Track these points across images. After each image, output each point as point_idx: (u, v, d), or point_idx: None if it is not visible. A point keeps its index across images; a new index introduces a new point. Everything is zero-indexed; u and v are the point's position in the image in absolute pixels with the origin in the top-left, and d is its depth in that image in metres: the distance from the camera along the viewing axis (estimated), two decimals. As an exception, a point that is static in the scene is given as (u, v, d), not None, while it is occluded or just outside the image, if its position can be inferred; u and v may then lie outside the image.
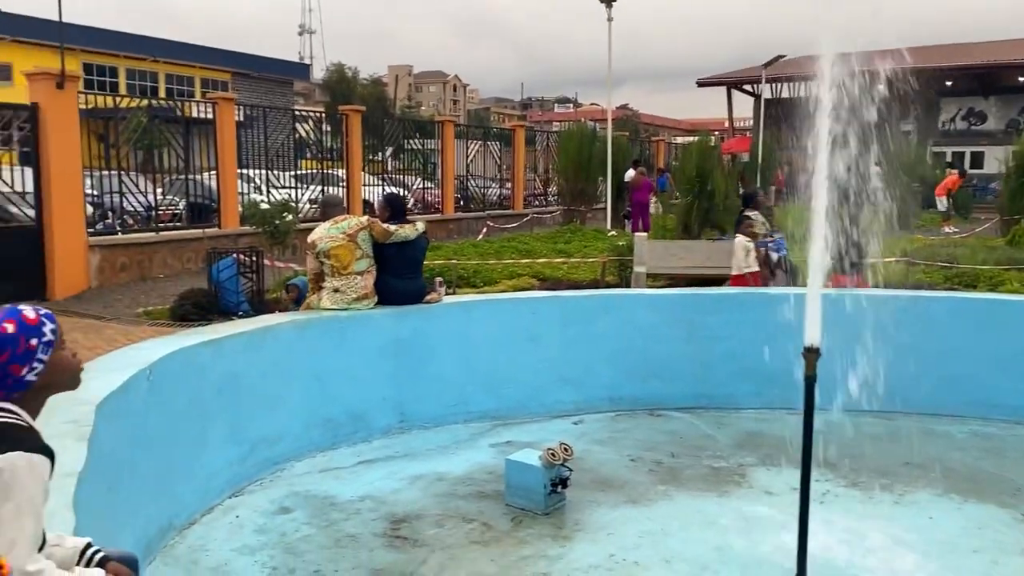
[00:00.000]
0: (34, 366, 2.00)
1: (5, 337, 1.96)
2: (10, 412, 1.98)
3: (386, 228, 5.69)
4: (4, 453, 1.88)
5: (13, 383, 1.98)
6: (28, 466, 1.90)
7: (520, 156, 22.27)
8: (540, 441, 5.14)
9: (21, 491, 1.86)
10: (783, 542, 3.93)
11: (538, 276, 11.46)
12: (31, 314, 2.03)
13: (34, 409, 2.06)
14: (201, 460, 4.44)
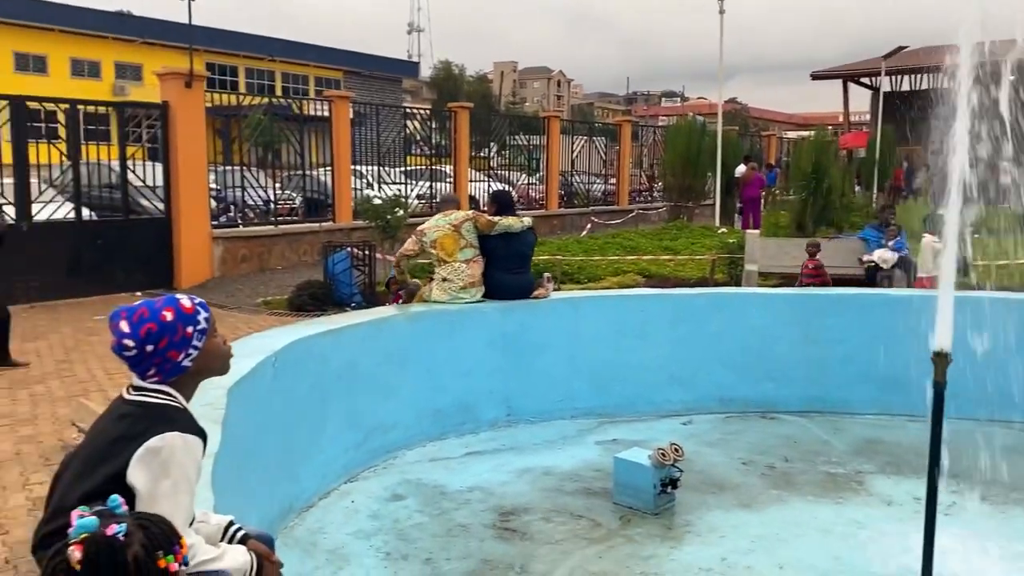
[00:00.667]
0: (190, 352, 2.12)
1: (165, 324, 2.08)
2: (168, 395, 2.11)
3: (489, 219, 5.81)
4: (162, 433, 2.00)
5: (171, 368, 2.10)
6: (184, 446, 2.01)
7: (626, 151, 22.07)
8: (647, 440, 5.10)
9: (177, 469, 1.98)
10: (904, 554, 3.78)
11: (644, 273, 11.34)
12: (187, 303, 2.15)
13: (187, 393, 2.18)
14: (320, 445, 4.61)
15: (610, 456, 4.82)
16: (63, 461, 2.14)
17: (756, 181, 17.72)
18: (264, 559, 2.19)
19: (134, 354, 2.06)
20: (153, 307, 2.09)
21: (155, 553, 1.34)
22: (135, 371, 2.11)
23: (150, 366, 2.08)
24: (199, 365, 2.15)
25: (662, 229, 16.80)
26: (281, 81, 46.00)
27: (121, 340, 2.05)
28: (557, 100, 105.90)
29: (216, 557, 2.05)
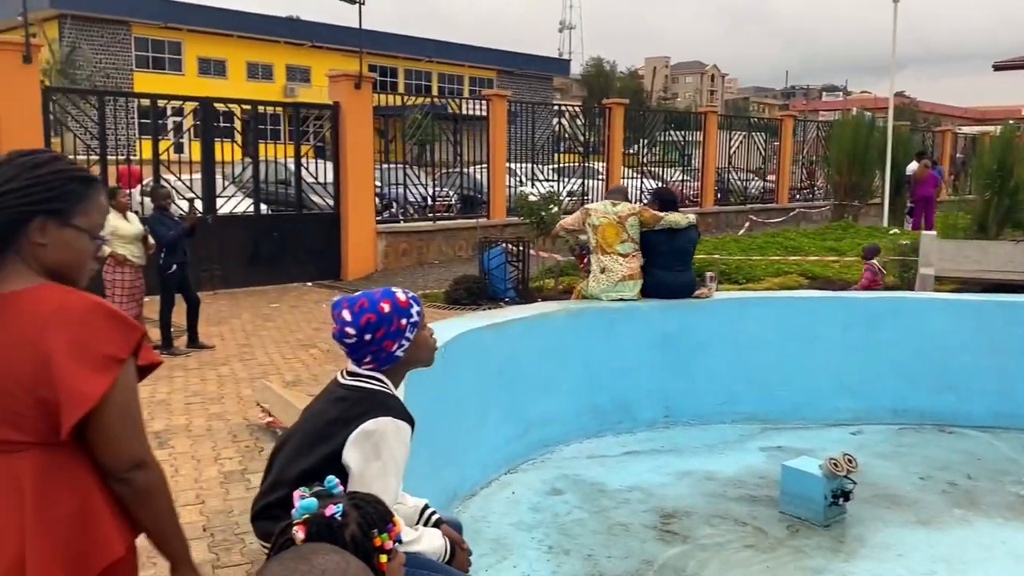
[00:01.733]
0: (402, 343, 2.24)
1: (382, 315, 2.20)
2: (380, 381, 2.24)
3: (654, 213, 5.75)
4: (376, 417, 2.12)
5: (385, 356, 2.23)
6: (395, 430, 2.13)
7: (787, 147, 21.24)
8: (814, 449, 4.89)
9: (388, 452, 2.10)
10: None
11: (807, 275, 10.88)
12: (402, 296, 2.27)
13: (396, 381, 2.31)
14: (482, 436, 4.72)
15: (775, 463, 4.67)
16: (280, 438, 2.31)
17: (930, 179, 16.57)
18: (456, 545, 2.27)
19: (353, 341, 2.19)
20: (372, 298, 2.23)
21: (370, 532, 1.42)
22: (352, 357, 2.25)
23: (367, 353, 2.21)
24: (409, 356, 2.27)
25: (826, 229, 16.04)
26: (437, 81, 47.40)
27: (343, 328, 2.19)
28: (710, 95, 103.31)
29: (415, 539, 2.14)
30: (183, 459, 4.96)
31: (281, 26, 41.61)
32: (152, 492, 1.70)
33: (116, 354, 1.64)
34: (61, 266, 1.70)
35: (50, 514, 1.61)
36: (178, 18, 37.30)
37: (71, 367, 1.58)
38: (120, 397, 1.64)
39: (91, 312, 1.65)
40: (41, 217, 1.66)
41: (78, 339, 1.61)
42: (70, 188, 1.70)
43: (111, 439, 1.64)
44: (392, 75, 44.19)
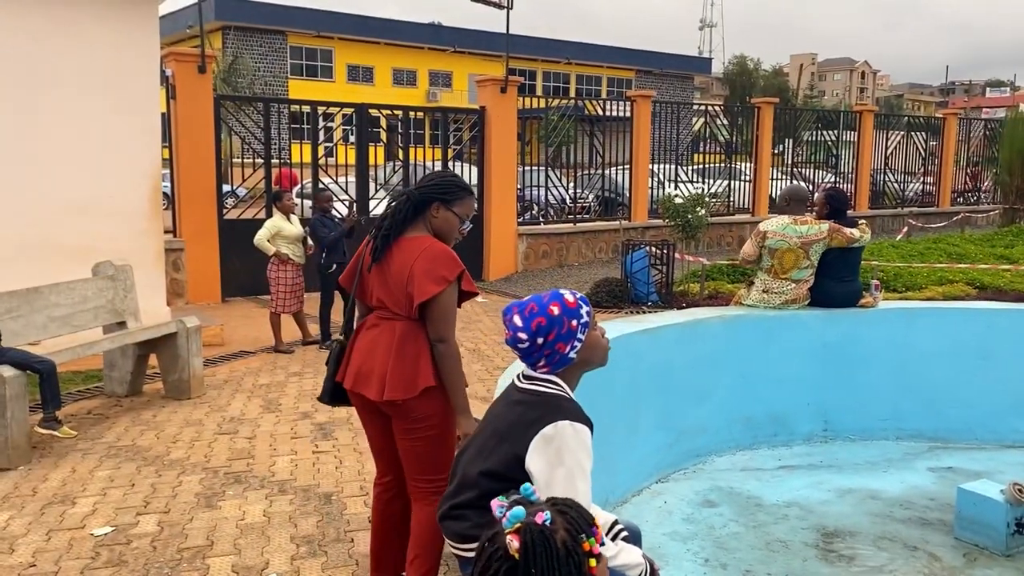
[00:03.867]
0: (575, 344, 2.24)
1: (552, 318, 2.21)
2: (556, 384, 2.25)
3: (850, 236, 5.35)
4: (555, 421, 2.13)
5: (559, 359, 2.24)
6: (575, 434, 2.12)
7: (950, 148, 19.91)
8: (990, 471, 4.57)
9: (571, 456, 2.10)
10: None
11: (975, 284, 10.15)
12: (571, 298, 2.27)
13: (572, 383, 2.31)
14: (634, 442, 4.67)
15: (946, 485, 4.39)
16: (464, 442, 2.37)
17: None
18: (651, 565, 2.25)
19: (527, 346, 2.21)
20: (541, 302, 2.24)
21: (579, 537, 1.42)
22: (526, 361, 2.27)
23: (540, 357, 2.23)
24: (583, 356, 2.27)
25: (994, 235, 14.92)
26: (575, 83, 47.47)
27: (516, 333, 2.22)
28: (860, 92, 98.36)
29: (615, 554, 2.14)
30: (346, 451, 5.18)
31: (424, 32, 42.87)
32: (445, 357, 2.86)
33: (447, 276, 2.84)
34: (440, 231, 2.98)
35: (404, 352, 2.88)
36: (329, 27, 39.12)
37: (422, 279, 2.83)
38: (443, 300, 2.85)
39: (440, 253, 2.89)
40: (438, 203, 2.96)
41: (430, 265, 2.84)
42: (456, 189, 3.00)
43: (433, 321, 2.86)
44: (531, 78, 44.64)
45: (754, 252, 5.50)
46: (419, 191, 2.97)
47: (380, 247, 2.92)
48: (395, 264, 2.87)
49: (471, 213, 3.06)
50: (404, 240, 2.90)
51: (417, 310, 2.84)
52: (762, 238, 5.44)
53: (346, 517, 4.16)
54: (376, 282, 2.94)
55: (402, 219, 2.92)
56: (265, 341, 8.13)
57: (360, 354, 2.95)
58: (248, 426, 5.68)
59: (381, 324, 2.92)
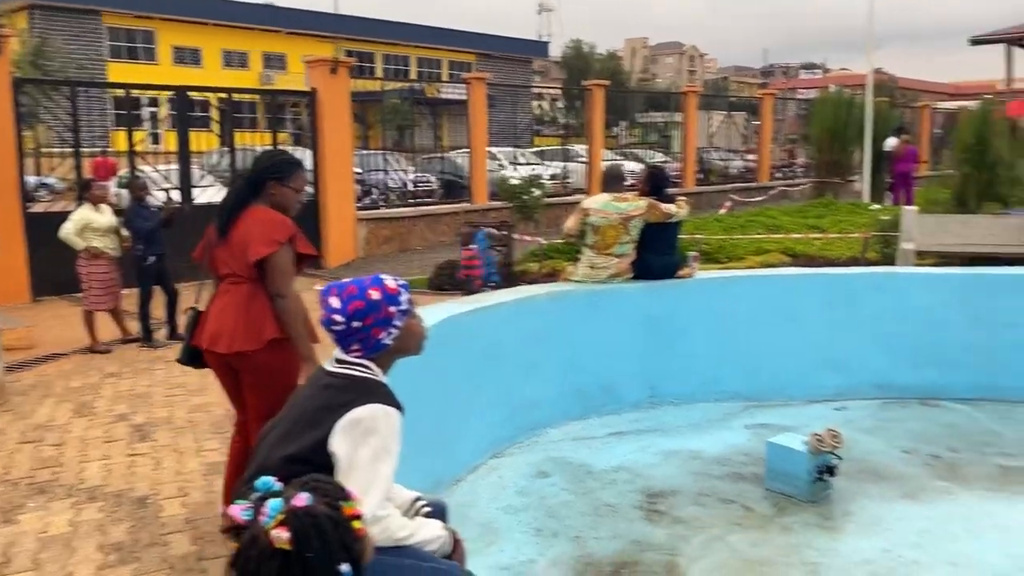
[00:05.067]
0: (391, 330, 2.21)
1: (371, 303, 2.17)
2: (369, 368, 2.20)
3: (666, 211, 5.59)
4: (365, 404, 2.09)
5: (373, 344, 2.20)
6: (385, 416, 2.11)
7: (767, 126, 21.26)
8: (799, 426, 4.91)
9: (377, 439, 2.07)
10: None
11: (789, 252, 10.91)
12: (392, 283, 2.24)
13: (385, 369, 2.28)
14: (468, 421, 4.69)
15: (760, 441, 4.68)
16: (266, 426, 2.27)
17: (909, 155, 16.65)
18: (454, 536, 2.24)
19: (341, 329, 2.16)
20: (361, 285, 2.20)
21: (338, 504, 1.41)
22: (340, 344, 2.22)
23: (355, 341, 2.18)
24: (398, 343, 2.24)
25: (806, 206, 16.09)
26: (416, 66, 47.05)
27: (331, 315, 2.16)
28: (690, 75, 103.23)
29: (412, 533, 2.11)
30: (165, 452, 4.91)
31: (256, 13, 41.12)
32: (285, 310, 3.31)
33: (278, 239, 3.30)
34: (280, 205, 3.43)
35: (250, 309, 3.32)
36: (149, 7, 36.77)
37: (256, 242, 3.29)
38: (277, 260, 3.30)
39: (272, 219, 3.35)
40: (273, 181, 3.42)
41: (262, 230, 3.31)
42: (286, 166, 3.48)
43: (271, 279, 3.31)
44: (370, 60, 43.83)
45: (575, 227, 5.64)
46: (253, 173, 3.41)
47: (223, 224, 3.37)
48: (236, 235, 3.33)
49: (304, 185, 3.54)
50: (244, 214, 3.35)
51: (257, 271, 3.30)
52: (584, 214, 5.59)
53: (162, 520, 3.94)
54: (224, 255, 3.39)
55: (241, 199, 3.37)
56: (80, 342, 7.57)
57: (213, 317, 3.41)
58: (56, 433, 5.27)
59: (231, 289, 3.37)
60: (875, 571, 3.48)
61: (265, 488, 1.43)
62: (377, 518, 2.02)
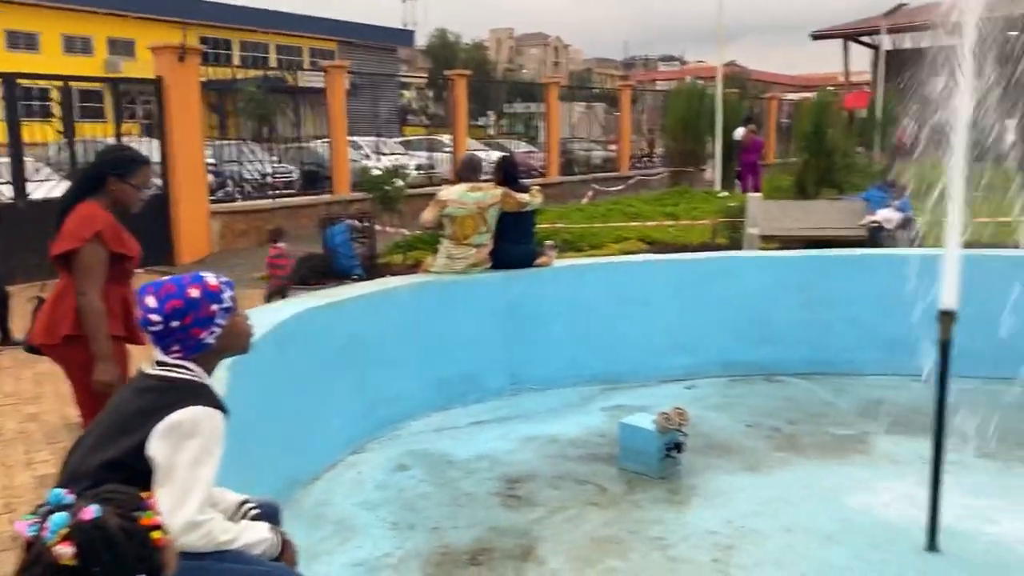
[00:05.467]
0: (213, 330, 2.12)
1: (190, 301, 2.08)
2: (190, 370, 2.11)
3: (519, 199, 5.67)
4: (185, 407, 2.00)
5: (194, 344, 2.11)
6: (207, 419, 2.02)
7: (626, 117, 21.89)
8: (652, 406, 5.08)
9: (198, 442, 1.99)
10: (911, 513, 3.78)
11: (646, 239, 11.30)
12: (213, 281, 2.15)
13: (209, 369, 2.19)
14: (325, 418, 4.61)
15: (615, 422, 4.82)
16: (80, 434, 2.15)
17: (754, 145, 17.59)
18: (282, 538, 2.19)
19: (159, 329, 2.07)
20: (180, 283, 2.10)
21: (133, 515, 1.35)
22: (159, 345, 2.12)
23: (174, 341, 2.09)
24: (222, 343, 2.16)
25: (663, 195, 16.72)
26: (275, 53, 45.55)
27: (147, 315, 2.06)
28: (555, 66, 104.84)
29: (236, 536, 2.05)
30: (-9, 467, 4.56)
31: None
32: (83, 308, 3.25)
33: (83, 235, 3.25)
34: (120, 202, 3.42)
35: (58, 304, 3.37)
36: (-23, -14, 33.89)
37: (63, 237, 3.29)
38: (81, 256, 3.27)
39: (84, 215, 3.30)
40: (113, 177, 3.38)
41: (72, 226, 3.29)
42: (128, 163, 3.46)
43: (75, 276, 3.28)
44: (226, 47, 42.11)
45: (432, 218, 5.64)
46: (93, 168, 3.42)
47: (58, 220, 3.36)
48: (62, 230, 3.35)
49: (148, 181, 3.54)
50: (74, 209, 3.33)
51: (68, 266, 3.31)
52: (441, 206, 5.59)
53: (-13, 540, 3.66)
54: None
55: (78, 194, 3.35)
56: None
57: (43, 308, 3.52)
58: None
59: (60, 283, 3.43)
60: (718, 541, 3.66)
61: (56, 501, 1.35)
62: (197, 523, 1.95)
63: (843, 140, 13.80)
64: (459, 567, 3.49)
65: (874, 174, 15.21)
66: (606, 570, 3.44)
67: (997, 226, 7.94)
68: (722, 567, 3.45)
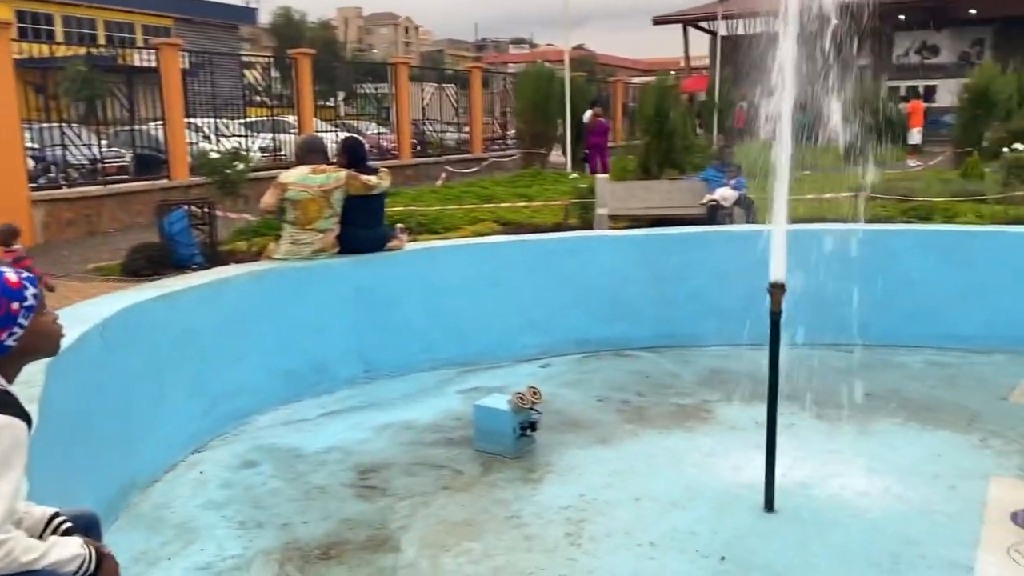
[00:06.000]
0: (14, 331, 1.92)
1: None
2: None
3: (366, 182, 5.50)
4: None
5: None
6: (7, 428, 1.82)
7: (477, 99, 21.91)
8: (508, 386, 5.11)
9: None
10: (750, 475, 3.98)
11: (500, 221, 11.36)
12: (13, 277, 1.93)
13: (10, 374, 1.98)
14: (161, 416, 4.33)
15: (471, 404, 4.80)
16: None
17: (601, 127, 18.06)
18: (99, 551, 2.01)
19: None
20: None
21: None
22: None
23: None
24: (25, 345, 1.95)
25: (516, 176, 16.87)
26: (104, 29, 42.52)
27: None
28: (406, 47, 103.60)
29: (42, 554, 1.86)
30: None
31: None
32: None
33: None
34: None
35: None
36: None
37: None
38: None
39: None
40: None
41: None
42: None
43: None
44: (48, 22, 38.94)
45: (272, 203, 5.41)
46: None
47: None
48: None
49: None
50: None
51: None
52: (282, 189, 5.37)
53: None
54: None
55: None
56: None
57: None
58: None
59: None
60: (571, 516, 3.72)
61: None
62: None
63: (683, 122, 14.39)
64: (311, 563, 3.37)
65: (712, 155, 15.98)
66: (462, 552, 3.42)
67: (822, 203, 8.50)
68: (574, 540, 3.50)
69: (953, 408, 5.01)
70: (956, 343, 6.11)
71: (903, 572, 3.22)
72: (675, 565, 3.31)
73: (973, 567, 3.23)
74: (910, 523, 3.60)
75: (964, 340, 6.11)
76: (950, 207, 10.99)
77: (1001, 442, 4.48)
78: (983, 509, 3.71)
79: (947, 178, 14.33)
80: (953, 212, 10.71)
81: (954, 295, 6.17)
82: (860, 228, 6.46)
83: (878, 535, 3.50)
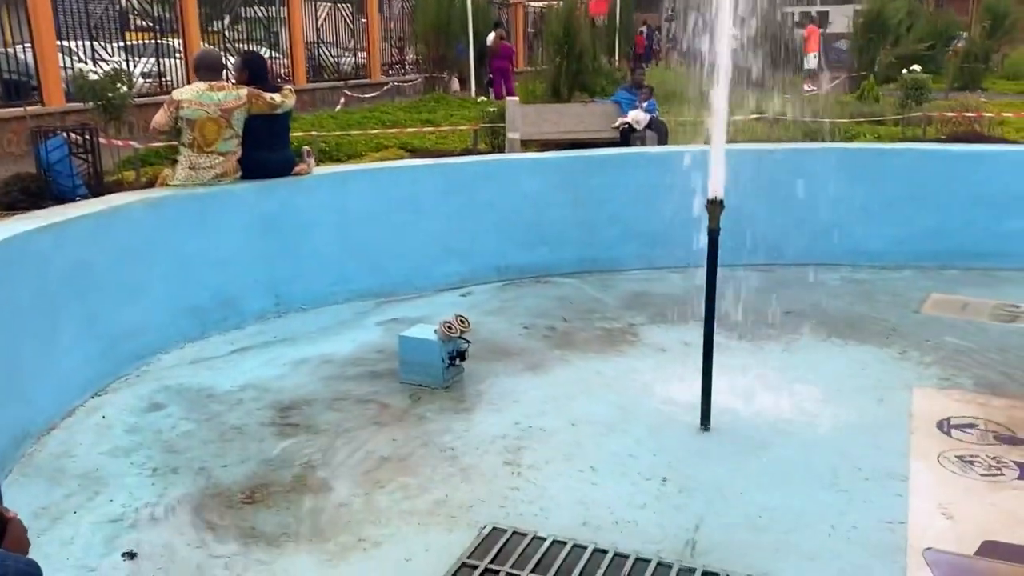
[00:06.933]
0: None
1: None
2: None
3: (270, 101, 5.09)
4: None
5: None
6: None
7: (374, 21, 20.99)
8: (429, 316, 4.92)
9: None
10: (682, 395, 3.95)
11: (406, 147, 10.96)
12: None
13: None
14: (54, 359, 3.93)
15: (392, 336, 4.59)
16: None
17: (505, 50, 17.61)
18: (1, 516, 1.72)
19: None
20: None
21: None
22: None
23: None
24: None
25: (419, 102, 16.32)
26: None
27: None
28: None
29: None
30: None
31: None
32: None
33: None
34: None
35: None
36: None
37: None
38: None
39: None
40: None
41: None
42: None
43: None
44: None
45: (165, 122, 4.94)
46: None
47: None
48: None
49: None
50: None
51: None
52: (176, 108, 4.90)
53: None
54: None
55: None
56: None
57: None
58: None
59: None
60: (507, 445, 3.59)
61: None
62: None
63: (590, 45, 14.15)
64: (234, 508, 3.13)
65: (618, 79, 15.84)
66: (397, 488, 3.25)
67: (731, 125, 8.45)
68: (513, 468, 3.39)
69: (871, 322, 5.12)
70: (868, 260, 6.26)
71: (843, 484, 3.24)
72: (618, 488, 3.24)
73: (907, 475, 3.28)
74: (843, 436, 3.64)
75: (875, 257, 6.26)
76: (849, 128, 11.24)
77: (919, 353, 4.60)
78: (909, 419, 3.79)
79: (844, 101, 14.68)
80: (853, 133, 10.95)
81: (865, 213, 6.28)
82: (777, 148, 6.49)
83: (814, 449, 3.53)
